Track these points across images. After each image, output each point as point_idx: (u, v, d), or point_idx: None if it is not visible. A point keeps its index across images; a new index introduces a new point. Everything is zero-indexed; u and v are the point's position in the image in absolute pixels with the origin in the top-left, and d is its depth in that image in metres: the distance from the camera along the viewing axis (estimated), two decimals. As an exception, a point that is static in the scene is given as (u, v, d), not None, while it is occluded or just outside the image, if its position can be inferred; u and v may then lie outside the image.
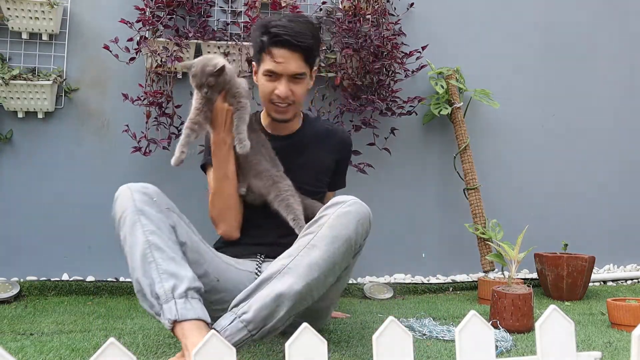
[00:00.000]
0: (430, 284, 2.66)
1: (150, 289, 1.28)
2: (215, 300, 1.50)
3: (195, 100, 1.61)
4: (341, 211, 1.36)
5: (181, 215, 1.48)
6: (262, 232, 1.69)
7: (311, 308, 1.40)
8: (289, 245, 1.42)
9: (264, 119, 1.83)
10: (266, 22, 1.65)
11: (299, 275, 1.31)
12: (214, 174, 1.66)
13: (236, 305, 1.32)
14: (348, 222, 1.35)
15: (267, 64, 1.65)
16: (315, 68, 1.77)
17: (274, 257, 1.49)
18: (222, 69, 1.54)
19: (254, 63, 1.75)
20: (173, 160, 1.54)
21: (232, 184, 1.66)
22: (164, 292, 1.26)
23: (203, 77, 1.53)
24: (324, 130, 1.85)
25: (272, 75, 1.65)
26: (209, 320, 1.27)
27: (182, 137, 1.57)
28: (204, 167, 1.80)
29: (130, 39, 2.49)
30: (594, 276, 2.78)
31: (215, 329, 1.27)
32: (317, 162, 1.79)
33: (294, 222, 1.58)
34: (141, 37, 2.48)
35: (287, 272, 1.32)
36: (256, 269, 1.61)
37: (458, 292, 2.62)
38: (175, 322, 1.23)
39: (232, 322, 1.28)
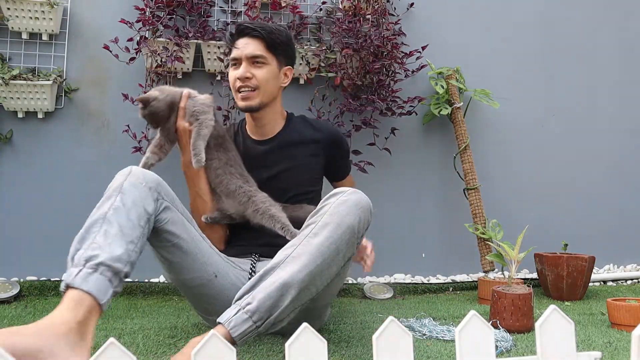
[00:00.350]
0: (430, 284, 2.66)
1: (73, 254, 1.24)
2: (212, 295, 1.53)
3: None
4: (342, 199, 1.38)
5: (183, 211, 1.51)
6: (255, 234, 1.68)
7: (310, 307, 1.40)
8: (283, 244, 1.43)
9: (248, 125, 1.88)
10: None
11: (303, 263, 1.31)
12: (189, 191, 1.75)
13: (240, 298, 1.31)
14: (349, 210, 1.36)
15: (232, 54, 1.75)
16: (288, 67, 1.82)
17: (270, 257, 1.50)
18: (143, 101, 1.63)
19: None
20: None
21: (205, 204, 1.73)
22: (78, 258, 1.21)
23: (139, 114, 1.65)
24: (308, 129, 1.85)
25: (235, 63, 1.74)
26: (102, 301, 1.17)
27: (142, 159, 1.67)
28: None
29: (130, 39, 2.49)
30: (594, 276, 2.78)
31: (219, 322, 1.26)
32: (303, 163, 1.80)
33: (283, 230, 1.57)
34: (141, 37, 2.48)
35: (291, 261, 1.32)
36: (250, 268, 1.62)
37: (458, 292, 2.62)
38: (67, 286, 1.17)
39: (236, 313, 1.26)
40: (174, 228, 1.44)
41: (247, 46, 1.72)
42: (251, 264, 1.64)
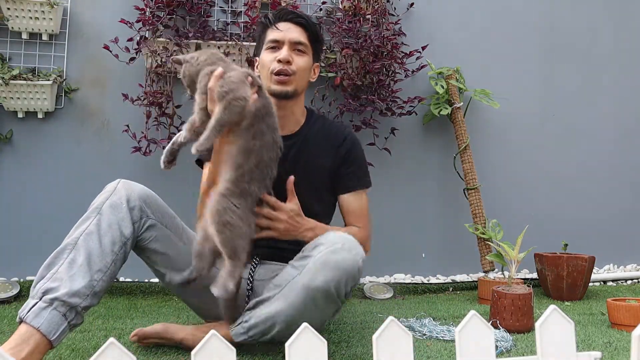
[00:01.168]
0: (430, 284, 2.66)
1: (37, 281, 1.26)
2: (204, 301, 1.53)
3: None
4: (325, 259, 1.30)
5: (173, 223, 1.47)
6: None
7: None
8: (284, 247, 1.42)
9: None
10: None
11: (288, 302, 1.34)
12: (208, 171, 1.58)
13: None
14: (327, 273, 1.29)
15: (270, 35, 1.65)
16: (317, 64, 1.75)
17: (271, 259, 1.49)
18: (176, 62, 1.44)
19: (256, 58, 1.73)
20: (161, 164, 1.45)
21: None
22: (37, 289, 1.23)
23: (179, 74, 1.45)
24: (327, 127, 1.73)
25: (274, 46, 1.64)
26: (52, 337, 1.19)
27: (174, 137, 1.46)
28: (200, 163, 1.76)
29: (130, 39, 2.49)
30: (594, 276, 2.77)
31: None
32: (316, 163, 1.66)
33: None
34: (141, 37, 2.48)
35: (280, 297, 1.36)
36: (249, 275, 1.57)
37: (458, 292, 2.62)
38: (21, 320, 1.20)
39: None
40: (158, 245, 1.43)
41: (291, 31, 1.64)
42: (250, 270, 1.58)
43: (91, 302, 1.27)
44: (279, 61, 1.60)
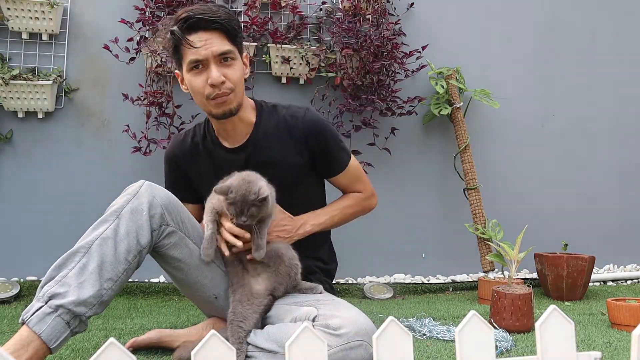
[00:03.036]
0: (430, 284, 2.66)
1: (46, 281, 1.23)
2: (212, 309, 1.52)
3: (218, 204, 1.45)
4: (342, 356, 1.22)
5: (192, 231, 1.42)
6: None
7: None
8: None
9: (216, 129, 1.60)
10: (171, 18, 1.48)
11: None
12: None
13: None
14: None
15: (188, 55, 1.43)
16: (245, 53, 1.55)
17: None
18: (266, 198, 1.35)
19: (176, 72, 1.55)
20: (204, 257, 1.41)
21: None
22: (45, 291, 1.20)
23: (245, 206, 1.34)
24: (282, 121, 1.57)
25: (198, 65, 1.44)
26: (52, 345, 1.16)
27: (207, 231, 1.43)
28: None
29: (130, 39, 2.49)
30: (594, 276, 2.77)
31: None
32: (283, 163, 1.54)
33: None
34: (141, 37, 2.48)
35: None
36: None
37: (458, 292, 2.62)
38: (23, 322, 1.17)
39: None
40: (177, 252, 1.39)
41: (210, 43, 1.42)
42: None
43: (97, 311, 1.23)
44: (212, 85, 1.43)
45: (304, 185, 1.61)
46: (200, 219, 1.54)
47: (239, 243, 1.41)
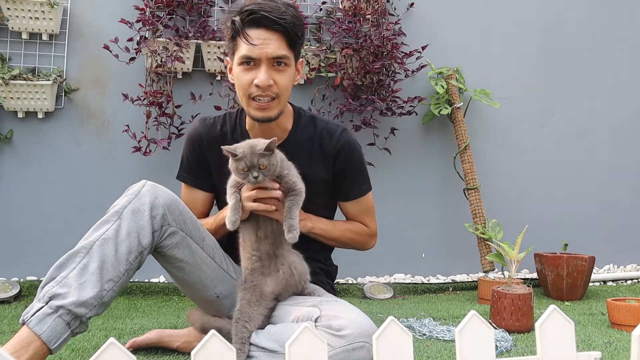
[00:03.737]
0: (430, 284, 2.66)
1: (47, 281, 1.23)
2: (213, 308, 1.51)
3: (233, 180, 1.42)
4: (343, 357, 1.22)
5: (194, 231, 1.41)
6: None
7: None
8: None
9: (249, 124, 1.56)
10: (239, 5, 1.46)
11: None
12: (208, 222, 1.55)
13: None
14: None
15: (242, 49, 1.40)
16: (300, 59, 1.52)
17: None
18: (273, 144, 1.33)
19: (227, 59, 1.52)
20: (229, 225, 1.36)
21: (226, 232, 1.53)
22: (45, 292, 1.19)
23: (254, 157, 1.31)
24: (318, 136, 1.55)
25: (249, 62, 1.41)
26: (52, 346, 1.16)
27: (231, 201, 1.39)
28: (182, 180, 1.66)
29: (130, 39, 2.49)
30: (594, 276, 2.77)
31: None
32: (309, 176, 1.48)
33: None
34: (141, 37, 2.48)
35: None
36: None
37: (458, 292, 2.62)
38: (24, 322, 1.17)
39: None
40: (178, 252, 1.37)
41: (267, 43, 1.39)
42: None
43: (98, 312, 1.23)
44: (258, 86, 1.40)
45: (320, 202, 1.58)
46: (209, 210, 1.58)
47: (262, 206, 1.37)
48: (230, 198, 1.40)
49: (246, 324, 1.33)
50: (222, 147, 1.35)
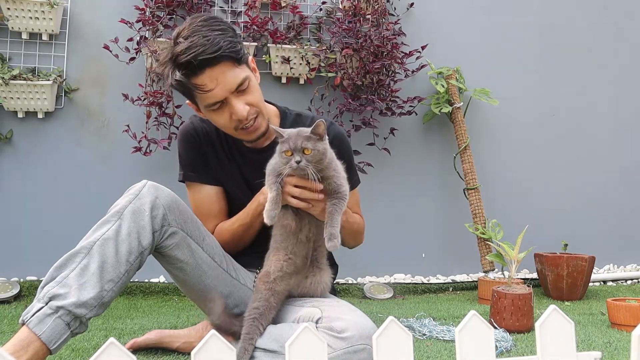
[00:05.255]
0: (430, 284, 2.66)
1: (47, 281, 1.22)
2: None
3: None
4: (345, 359, 1.22)
5: (195, 231, 1.40)
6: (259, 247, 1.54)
7: None
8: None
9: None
10: (168, 57, 1.38)
11: None
12: (241, 218, 1.52)
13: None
14: None
15: (204, 99, 1.39)
16: (250, 57, 1.50)
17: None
18: (322, 127, 1.26)
19: (188, 102, 1.49)
20: (267, 219, 1.29)
21: (253, 234, 1.53)
22: (45, 292, 1.19)
23: (298, 140, 1.25)
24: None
25: (217, 105, 1.40)
26: (52, 346, 1.16)
27: (271, 193, 1.31)
28: (184, 181, 1.63)
29: (130, 39, 2.49)
30: (594, 276, 2.77)
31: None
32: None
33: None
34: (141, 37, 2.48)
35: None
36: (253, 285, 1.53)
37: (458, 292, 2.62)
38: (23, 322, 1.17)
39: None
40: (178, 253, 1.37)
41: (222, 79, 1.36)
42: (254, 281, 1.54)
43: (97, 312, 1.23)
44: (239, 120, 1.40)
45: None
46: (221, 205, 1.55)
47: (307, 194, 1.30)
48: (270, 188, 1.32)
49: (260, 325, 1.31)
50: (271, 126, 1.32)
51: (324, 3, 2.73)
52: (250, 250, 1.60)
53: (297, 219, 1.36)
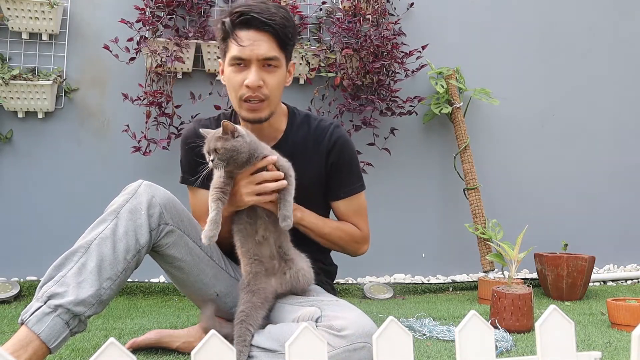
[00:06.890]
0: (430, 284, 2.66)
1: (45, 281, 1.23)
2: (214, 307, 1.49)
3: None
4: (345, 357, 1.21)
5: (192, 230, 1.40)
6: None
7: None
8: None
9: (241, 124, 1.54)
10: (227, 9, 1.45)
11: None
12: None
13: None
14: None
15: (233, 50, 1.41)
16: (292, 62, 1.52)
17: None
18: (229, 126, 1.29)
19: (220, 61, 1.52)
20: (205, 239, 1.28)
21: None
22: (44, 291, 1.20)
23: (210, 141, 1.30)
24: (312, 134, 1.54)
25: (240, 63, 1.41)
26: (51, 345, 1.16)
27: (211, 213, 1.31)
28: (184, 183, 1.63)
29: (130, 39, 2.49)
30: (594, 276, 2.77)
31: None
32: (303, 177, 1.44)
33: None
34: (141, 37, 2.48)
35: None
36: None
37: (458, 292, 2.62)
38: (22, 322, 1.17)
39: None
40: (176, 251, 1.38)
41: (258, 45, 1.39)
42: None
43: (96, 310, 1.23)
44: (248, 86, 1.40)
45: (314, 202, 1.54)
46: None
47: (267, 198, 1.35)
48: (210, 206, 1.33)
49: (249, 326, 1.32)
50: (200, 129, 1.36)
51: (324, 3, 2.73)
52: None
53: (251, 222, 1.39)
